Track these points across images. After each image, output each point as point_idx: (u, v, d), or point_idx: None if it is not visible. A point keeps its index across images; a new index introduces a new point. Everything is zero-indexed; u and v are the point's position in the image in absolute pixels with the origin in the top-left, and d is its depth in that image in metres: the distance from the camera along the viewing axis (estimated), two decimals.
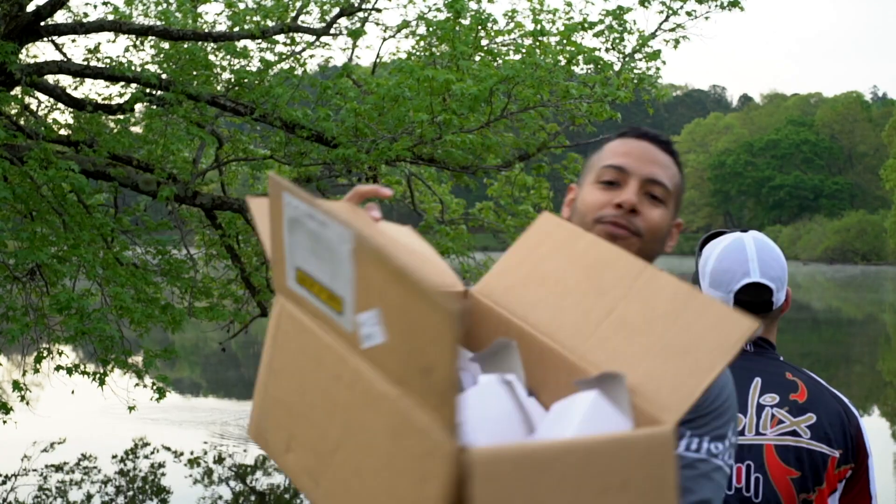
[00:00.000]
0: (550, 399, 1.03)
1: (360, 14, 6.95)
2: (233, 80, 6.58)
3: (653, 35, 6.67)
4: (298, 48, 7.00)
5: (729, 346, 0.97)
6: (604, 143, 1.41)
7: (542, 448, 0.83)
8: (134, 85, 6.46)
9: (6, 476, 7.52)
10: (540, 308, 1.12)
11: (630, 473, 0.90)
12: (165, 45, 6.59)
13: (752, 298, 1.77)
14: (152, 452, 8.53)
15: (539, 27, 6.52)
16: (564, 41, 6.53)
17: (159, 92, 6.16)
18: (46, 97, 6.93)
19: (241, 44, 6.54)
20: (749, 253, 1.78)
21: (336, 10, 6.82)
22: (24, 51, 6.56)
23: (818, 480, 1.68)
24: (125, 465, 8.14)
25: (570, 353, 1.06)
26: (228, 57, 6.59)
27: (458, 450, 0.74)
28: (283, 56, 6.90)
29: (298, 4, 6.75)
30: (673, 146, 1.38)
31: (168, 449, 8.59)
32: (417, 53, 6.90)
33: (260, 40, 6.64)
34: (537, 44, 6.63)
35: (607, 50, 6.65)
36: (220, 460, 8.33)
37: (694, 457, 1.26)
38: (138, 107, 6.64)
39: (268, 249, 0.96)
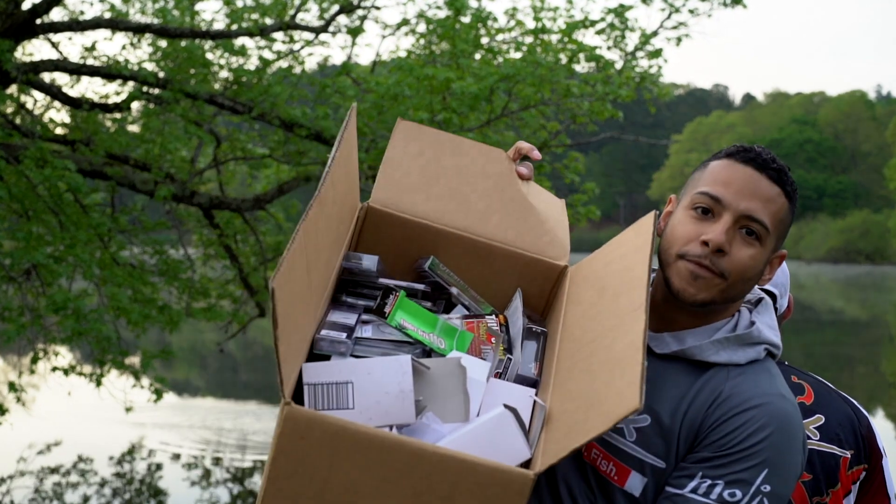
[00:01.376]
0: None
1: (360, 12, 6.90)
2: (231, 78, 6.54)
3: (655, 33, 6.62)
4: (297, 46, 6.96)
5: (610, 419, 1.04)
6: (711, 161, 1.31)
7: (367, 432, 0.97)
8: (131, 83, 6.42)
9: (1, 478, 7.48)
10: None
11: (459, 492, 0.98)
12: (163, 43, 6.54)
13: None
14: (149, 454, 8.49)
15: (540, 25, 6.47)
16: (566, 39, 6.48)
17: (157, 90, 6.12)
18: (43, 95, 6.90)
19: (239, 42, 6.50)
20: None
21: (335, 8, 6.77)
22: (19, 49, 6.52)
23: (832, 482, 1.66)
24: (122, 467, 8.10)
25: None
26: (226, 55, 6.55)
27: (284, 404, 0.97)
28: (282, 54, 6.85)
29: (297, 2, 6.70)
30: (785, 174, 1.27)
31: (165, 451, 8.55)
32: (417, 52, 6.85)
33: (258, 38, 6.59)
34: (538, 42, 6.58)
35: (609, 48, 6.60)
36: (217, 462, 8.29)
37: (699, 500, 1.18)
38: (135, 105, 6.61)
39: None
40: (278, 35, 6.75)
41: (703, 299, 1.26)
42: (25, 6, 5.99)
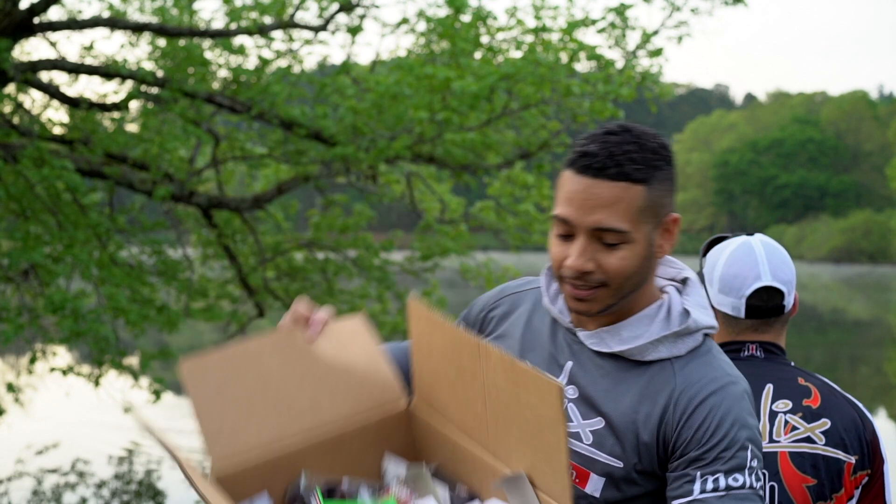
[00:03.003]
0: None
1: (359, 10, 6.87)
2: (230, 77, 6.52)
3: (656, 32, 6.59)
4: (296, 45, 6.93)
5: (552, 418, 1.08)
6: (563, 168, 1.30)
7: None
8: (129, 82, 6.40)
9: (0, 479, 7.46)
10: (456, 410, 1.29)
11: None
12: (161, 42, 6.53)
13: (764, 303, 1.73)
14: (148, 455, 8.48)
15: (541, 24, 6.45)
16: (566, 38, 6.46)
17: (155, 89, 6.11)
18: (41, 95, 6.88)
19: (237, 41, 6.48)
20: (759, 256, 1.75)
21: (334, 7, 6.74)
22: (17, 48, 6.49)
23: (836, 487, 1.65)
24: (120, 467, 8.08)
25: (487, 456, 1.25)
26: (225, 54, 6.53)
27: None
28: (281, 53, 6.83)
29: (296, 1, 6.68)
30: (626, 164, 1.22)
31: (164, 452, 8.52)
32: (417, 51, 6.83)
33: (257, 37, 6.57)
34: (539, 41, 6.55)
35: (610, 47, 6.58)
36: None
37: (713, 496, 1.22)
38: (134, 105, 6.59)
39: None
40: (277, 34, 6.73)
41: (599, 309, 1.29)
42: (23, 5, 5.97)
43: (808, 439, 1.65)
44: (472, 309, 1.50)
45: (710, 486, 1.23)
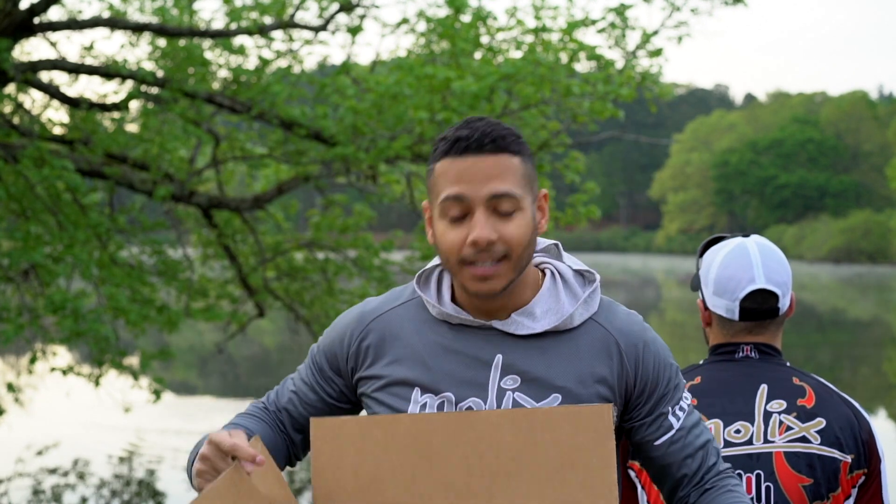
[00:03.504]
0: None
1: (359, 11, 6.87)
2: (230, 77, 6.53)
3: (656, 32, 6.59)
4: (296, 45, 6.94)
5: (602, 446, 1.11)
6: (435, 164, 1.33)
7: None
8: (129, 82, 6.41)
9: (0, 479, 7.46)
10: None
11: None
12: (161, 42, 6.53)
13: (759, 305, 1.73)
14: (148, 455, 8.48)
15: (540, 24, 6.45)
16: (566, 38, 6.46)
17: (155, 90, 6.11)
18: (41, 95, 6.88)
19: (238, 41, 6.49)
20: (753, 258, 1.74)
21: (334, 7, 6.74)
22: (17, 48, 6.50)
23: (832, 486, 1.65)
24: (120, 467, 8.08)
25: None
26: (225, 54, 6.54)
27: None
28: (281, 53, 6.84)
29: (296, 1, 6.68)
30: (502, 138, 1.30)
31: (164, 451, 8.54)
32: (417, 51, 6.83)
33: (257, 37, 6.58)
34: (539, 41, 6.55)
35: (610, 47, 6.58)
36: None
37: (685, 421, 1.40)
38: (134, 105, 6.60)
39: None
40: (277, 34, 6.73)
41: (503, 286, 1.32)
42: (23, 5, 5.98)
43: (804, 439, 1.66)
44: (330, 349, 1.41)
45: (679, 413, 1.39)
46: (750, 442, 1.67)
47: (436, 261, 1.41)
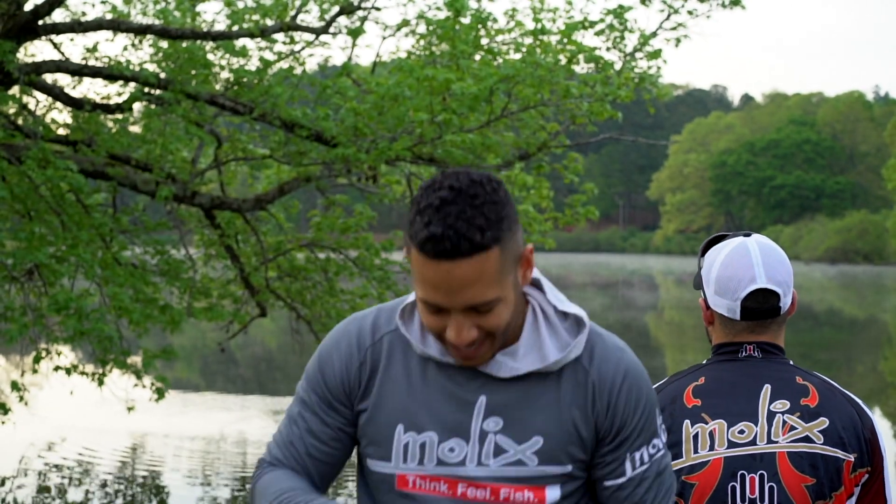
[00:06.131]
0: None
1: (360, 13, 6.92)
2: (232, 79, 6.56)
3: (654, 34, 6.64)
4: (298, 47, 6.98)
5: None
6: (409, 239, 1.24)
7: None
8: (132, 84, 6.44)
9: (5, 477, 7.50)
10: None
11: None
12: (164, 44, 6.56)
13: (760, 305, 1.73)
14: (150, 453, 8.51)
15: (539, 26, 6.49)
16: (565, 40, 6.50)
17: (158, 91, 6.14)
18: (45, 96, 6.91)
19: (239, 43, 6.52)
20: (754, 258, 1.74)
21: (335, 9, 6.79)
22: (22, 50, 6.54)
23: (835, 486, 1.65)
24: (124, 466, 8.12)
25: None
26: (227, 56, 6.57)
27: None
28: (283, 55, 6.88)
29: (298, 3, 6.73)
30: (476, 236, 1.19)
31: (166, 450, 8.57)
32: (417, 52, 6.88)
33: (259, 39, 6.62)
34: (538, 43, 6.60)
35: (608, 49, 6.62)
36: (218, 461, 8.31)
37: (641, 471, 1.37)
38: (137, 106, 6.62)
39: None
40: (279, 36, 6.77)
41: (488, 359, 1.31)
42: (28, 7, 6.01)
43: (807, 439, 1.66)
44: (333, 372, 1.37)
45: (637, 461, 1.36)
46: (754, 442, 1.67)
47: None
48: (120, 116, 6.58)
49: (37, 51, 7.94)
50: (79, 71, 6.46)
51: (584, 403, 1.34)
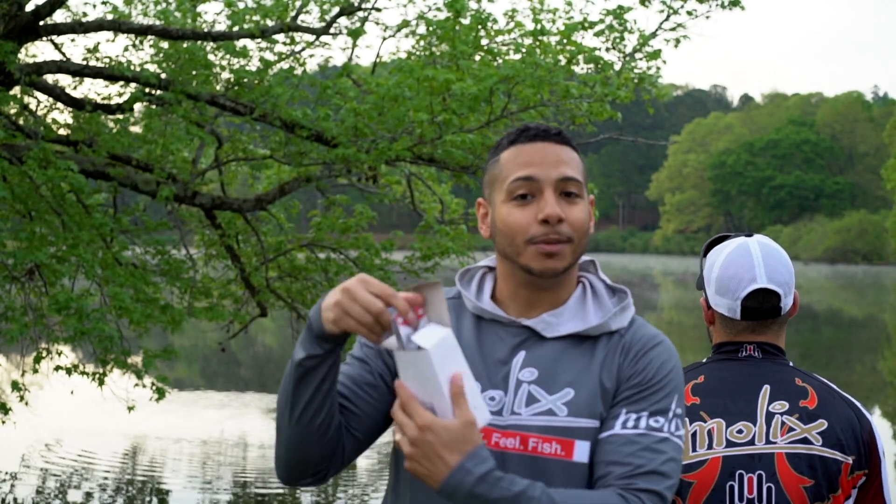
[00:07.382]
0: None
1: (360, 13, 6.94)
2: (232, 79, 6.56)
3: (653, 34, 6.65)
4: (298, 48, 6.99)
5: None
6: (501, 153, 1.42)
7: None
8: (133, 84, 6.45)
9: (5, 476, 7.51)
10: None
11: None
12: (165, 45, 6.57)
13: (760, 305, 1.74)
14: (151, 453, 8.53)
15: (539, 27, 6.51)
16: (565, 41, 6.52)
17: (158, 91, 6.15)
18: (45, 97, 6.91)
19: (240, 43, 6.52)
20: (755, 258, 1.75)
21: (336, 10, 6.81)
22: (23, 50, 6.55)
23: (833, 487, 1.66)
24: (124, 465, 8.13)
25: None
26: (228, 56, 6.57)
27: None
28: (283, 55, 6.89)
29: (298, 4, 6.74)
30: (564, 134, 1.41)
31: (167, 450, 8.58)
32: (417, 53, 6.89)
33: (259, 40, 6.63)
34: (537, 43, 6.61)
35: (608, 49, 6.63)
36: (218, 461, 8.32)
37: (631, 433, 1.34)
38: (137, 106, 6.63)
39: None
40: (279, 37, 6.79)
41: (565, 266, 1.39)
42: (29, 8, 6.02)
43: (805, 440, 1.67)
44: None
45: (630, 423, 1.35)
46: (752, 442, 1.68)
47: (481, 263, 1.51)
48: (121, 117, 6.59)
49: (38, 51, 7.94)
50: (80, 71, 6.47)
51: (612, 361, 1.39)
